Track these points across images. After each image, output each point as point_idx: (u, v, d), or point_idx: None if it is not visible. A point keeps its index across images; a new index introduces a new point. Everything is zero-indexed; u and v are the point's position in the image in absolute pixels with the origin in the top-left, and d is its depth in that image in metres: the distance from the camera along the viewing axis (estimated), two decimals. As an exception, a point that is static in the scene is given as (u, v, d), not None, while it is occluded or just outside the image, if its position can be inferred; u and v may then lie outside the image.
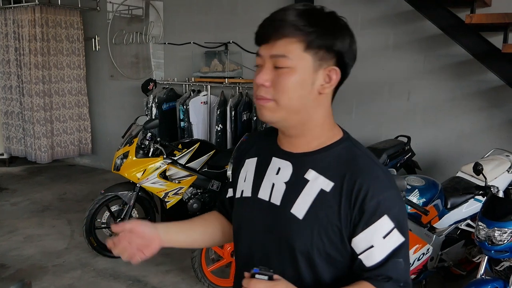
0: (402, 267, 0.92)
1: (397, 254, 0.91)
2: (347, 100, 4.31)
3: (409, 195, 2.51)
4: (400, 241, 0.92)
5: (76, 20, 5.96)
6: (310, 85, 0.93)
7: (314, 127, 0.98)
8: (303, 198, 0.96)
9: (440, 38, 3.61)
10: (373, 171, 0.94)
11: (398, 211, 0.93)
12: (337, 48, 0.92)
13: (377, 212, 0.90)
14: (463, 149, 3.76)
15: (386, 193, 0.92)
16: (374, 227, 0.91)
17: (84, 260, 3.54)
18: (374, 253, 0.91)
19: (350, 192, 0.92)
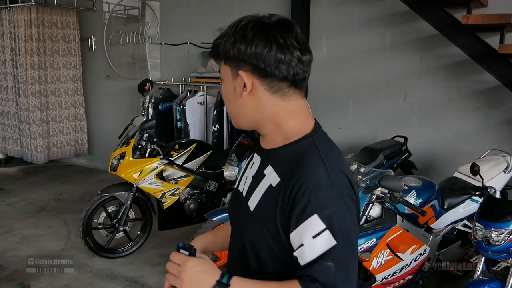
0: (332, 272, 0.89)
1: (326, 257, 0.89)
2: (343, 100, 4.32)
3: (406, 195, 2.52)
4: (330, 244, 0.89)
5: (72, 20, 5.94)
6: (232, 91, 1.03)
7: (266, 125, 1.04)
8: (258, 191, 1.03)
9: (436, 38, 3.62)
10: (315, 170, 0.94)
11: (332, 213, 0.90)
12: (232, 54, 0.98)
13: (307, 210, 0.90)
14: (460, 149, 3.78)
15: (320, 193, 0.91)
16: (305, 225, 0.91)
17: (80, 261, 3.52)
18: (305, 252, 0.91)
19: (289, 188, 0.94)
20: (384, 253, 2.39)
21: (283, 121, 1.02)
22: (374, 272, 2.40)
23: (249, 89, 0.99)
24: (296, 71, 0.98)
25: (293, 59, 0.97)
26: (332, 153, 1.00)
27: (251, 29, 0.97)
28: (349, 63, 4.24)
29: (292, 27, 0.99)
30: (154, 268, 3.43)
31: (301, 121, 1.04)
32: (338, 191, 0.93)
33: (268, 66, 0.97)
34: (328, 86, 4.38)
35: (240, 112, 1.04)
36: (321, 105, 4.40)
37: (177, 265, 0.93)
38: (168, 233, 3.82)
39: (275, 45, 0.95)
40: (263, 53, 0.96)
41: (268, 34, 0.96)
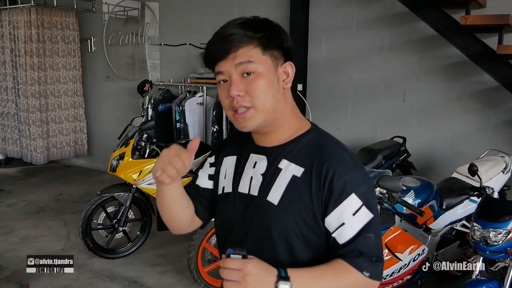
0: (373, 242, 0.97)
1: (367, 230, 0.97)
2: (343, 101, 4.33)
3: (405, 196, 2.52)
4: (369, 218, 0.98)
5: (71, 21, 5.95)
6: (276, 83, 1.03)
7: (284, 121, 1.08)
8: (277, 185, 1.05)
9: (435, 39, 3.63)
10: (339, 154, 1.02)
11: (365, 190, 0.99)
12: (285, 45, 1.05)
13: (345, 191, 0.97)
14: (458, 150, 3.78)
15: (353, 173, 0.99)
16: (344, 205, 0.97)
17: (80, 261, 3.52)
18: (346, 230, 0.97)
19: (319, 174, 1.00)
20: (382, 253, 2.39)
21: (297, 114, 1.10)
22: (373, 272, 2.40)
23: (290, 79, 1.05)
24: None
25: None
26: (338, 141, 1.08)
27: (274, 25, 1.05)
28: (348, 63, 4.25)
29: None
30: (154, 268, 3.44)
31: (301, 117, 1.12)
32: (363, 169, 1.03)
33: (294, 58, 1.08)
34: (327, 86, 4.39)
35: (279, 106, 1.05)
36: (320, 106, 4.41)
37: (237, 270, 0.91)
38: (167, 234, 3.82)
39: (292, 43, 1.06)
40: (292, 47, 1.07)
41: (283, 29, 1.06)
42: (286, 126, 1.08)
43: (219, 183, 1.18)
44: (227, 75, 1.02)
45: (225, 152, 1.20)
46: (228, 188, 1.14)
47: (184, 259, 3.18)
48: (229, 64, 1.00)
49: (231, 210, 1.13)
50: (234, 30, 0.99)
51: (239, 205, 1.11)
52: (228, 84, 1.02)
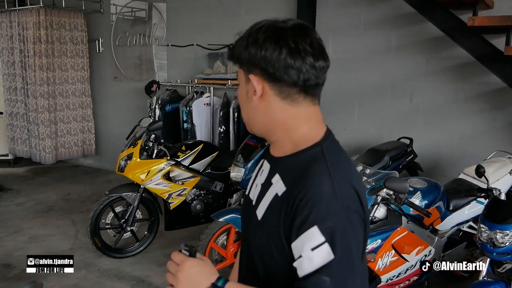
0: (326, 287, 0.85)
1: (323, 271, 0.85)
2: (349, 102, 4.33)
3: (411, 197, 2.53)
4: (329, 258, 0.85)
5: (80, 22, 5.99)
6: (245, 96, 1.01)
7: (277, 132, 1.01)
8: (265, 200, 1.01)
9: (442, 40, 3.62)
10: (320, 181, 0.91)
11: (332, 226, 0.87)
12: (244, 57, 0.97)
13: (308, 221, 0.88)
14: (465, 151, 3.77)
15: (322, 205, 0.88)
16: (304, 236, 0.88)
17: (88, 260, 3.57)
18: (303, 264, 0.88)
19: (292, 198, 0.92)
20: (389, 254, 2.41)
21: (293, 128, 0.99)
22: (379, 273, 2.41)
23: (259, 93, 0.97)
24: (307, 77, 0.95)
25: (304, 64, 0.94)
26: (340, 164, 0.96)
27: (263, 32, 0.95)
28: (355, 64, 4.25)
29: (308, 32, 0.96)
30: (161, 268, 3.46)
31: (311, 128, 1.00)
32: (342, 203, 0.89)
33: (277, 71, 0.94)
34: (333, 87, 4.39)
35: (252, 117, 1.02)
36: (327, 107, 4.41)
37: (176, 264, 0.94)
38: (175, 234, 3.86)
39: (285, 49, 0.93)
40: (272, 57, 0.93)
41: (279, 38, 0.94)
42: (282, 137, 1.01)
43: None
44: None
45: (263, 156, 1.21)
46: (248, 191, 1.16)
47: (191, 258, 3.19)
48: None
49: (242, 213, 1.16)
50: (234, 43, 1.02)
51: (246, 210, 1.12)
52: None
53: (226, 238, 3.06)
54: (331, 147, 0.99)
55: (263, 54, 0.94)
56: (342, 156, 1.00)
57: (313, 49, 0.95)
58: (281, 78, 0.95)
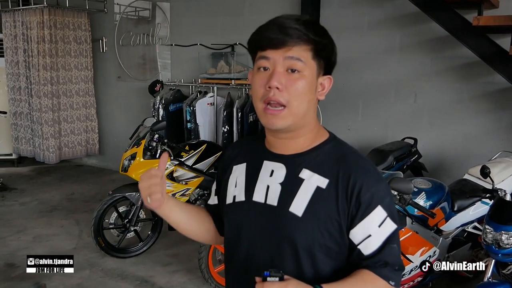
0: (397, 252, 1.01)
1: (391, 240, 0.99)
2: (353, 102, 4.32)
3: (416, 197, 2.51)
4: (393, 228, 1.00)
5: (83, 22, 6.00)
6: (314, 90, 1.03)
7: (308, 129, 1.06)
8: (301, 196, 1.02)
9: (447, 40, 3.60)
10: (364, 166, 1.03)
11: (389, 201, 1.02)
12: (333, 59, 1.05)
13: (372, 203, 0.99)
14: (470, 151, 3.76)
15: (378, 186, 1.01)
16: (371, 217, 0.99)
17: (92, 260, 3.57)
18: (372, 241, 0.99)
19: (345, 187, 1.00)
20: (393, 255, 2.39)
21: (318, 127, 1.08)
22: (383, 274, 2.40)
23: (326, 92, 1.05)
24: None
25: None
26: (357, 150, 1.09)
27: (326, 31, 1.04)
28: (359, 64, 4.24)
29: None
30: (165, 268, 3.47)
31: (320, 127, 1.10)
32: (385, 180, 1.05)
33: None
34: (337, 87, 4.36)
35: (308, 110, 1.03)
36: (331, 107, 4.40)
37: None
38: (178, 234, 3.77)
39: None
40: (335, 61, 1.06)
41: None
42: (309, 135, 1.06)
43: (228, 193, 1.14)
44: (272, 64, 0.99)
45: (234, 160, 1.17)
46: (240, 196, 1.11)
47: (195, 259, 3.20)
48: (279, 55, 0.98)
49: (246, 219, 1.10)
50: (296, 26, 0.97)
51: (255, 215, 1.08)
52: (269, 73, 0.99)
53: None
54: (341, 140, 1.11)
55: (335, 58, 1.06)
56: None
57: None
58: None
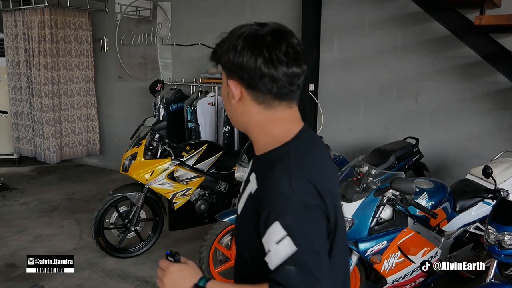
0: (293, 275, 0.92)
1: (288, 262, 0.93)
2: (355, 101, 4.31)
3: (418, 198, 2.50)
4: (292, 250, 0.93)
5: (84, 22, 6.00)
6: (226, 96, 1.07)
7: (252, 132, 1.08)
8: (243, 196, 1.10)
9: (448, 39, 3.59)
10: (279, 179, 0.98)
11: (291, 220, 0.94)
12: (222, 61, 1.03)
13: (270, 218, 0.95)
14: (472, 151, 3.74)
15: (281, 201, 0.96)
16: (269, 232, 0.96)
17: (92, 260, 3.56)
18: (272, 257, 0.96)
19: (260, 196, 1.01)
20: (395, 256, 2.38)
21: (267, 129, 1.05)
22: (385, 274, 2.39)
23: (237, 97, 1.03)
24: (280, 85, 1.00)
25: (278, 73, 0.98)
26: (303, 161, 1.02)
27: (242, 39, 0.99)
28: (360, 64, 4.23)
29: (284, 38, 1.00)
30: (165, 268, 3.45)
31: (285, 129, 1.06)
32: (298, 198, 0.96)
33: (252, 79, 0.99)
34: (339, 87, 4.37)
35: (232, 116, 1.10)
36: (332, 106, 4.40)
37: (162, 270, 1.03)
38: (179, 234, 3.85)
39: (260, 59, 0.97)
40: (248, 66, 0.98)
41: (256, 47, 0.98)
42: (256, 137, 1.08)
43: None
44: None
45: None
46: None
47: (195, 259, 3.18)
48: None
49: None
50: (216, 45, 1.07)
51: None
52: None
53: (231, 239, 3.05)
54: (300, 145, 1.04)
55: (240, 62, 0.99)
56: (309, 155, 1.05)
57: (287, 57, 0.98)
58: (256, 86, 1.00)
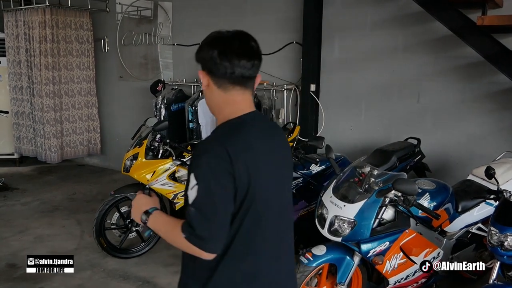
0: (193, 214, 1.23)
1: (193, 204, 1.23)
2: (356, 102, 4.30)
3: (420, 198, 2.50)
4: (195, 195, 1.23)
5: (85, 22, 6.00)
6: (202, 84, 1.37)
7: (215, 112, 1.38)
8: None
9: (450, 39, 3.58)
10: (200, 143, 1.36)
11: (200, 174, 1.24)
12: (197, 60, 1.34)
13: (190, 170, 1.27)
14: (474, 151, 3.73)
15: (195, 158, 1.28)
16: (189, 179, 1.26)
17: (94, 261, 3.56)
18: (188, 198, 1.25)
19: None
20: (397, 257, 2.38)
21: (222, 109, 1.35)
22: (387, 275, 2.39)
23: (205, 84, 1.34)
24: (231, 71, 1.27)
25: (230, 63, 1.27)
26: (228, 133, 1.29)
27: (209, 39, 1.31)
28: (362, 64, 4.22)
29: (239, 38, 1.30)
30: (167, 268, 3.45)
31: (233, 110, 1.33)
32: (207, 159, 1.24)
33: (212, 67, 1.30)
34: (340, 87, 4.36)
35: (207, 103, 1.39)
36: (333, 106, 4.39)
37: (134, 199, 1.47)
38: (180, 234, 3.84)
39: (216, 51, 1.27)
40: (208, 56, 1.29)
41: (215, 43, 1.29)
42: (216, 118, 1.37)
43: None
44: None
45: None
46: None
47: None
48: None
49: None
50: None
51: None
52: None
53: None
54: (235, 123, 1.32)
55: (204, 55, 1.30)
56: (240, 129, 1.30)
57: (238, 51, 1.28)
58: (214, 72, 1.30)
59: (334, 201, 2.39)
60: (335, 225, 2.35)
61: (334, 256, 2.40)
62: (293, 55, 4.56)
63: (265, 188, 1.30)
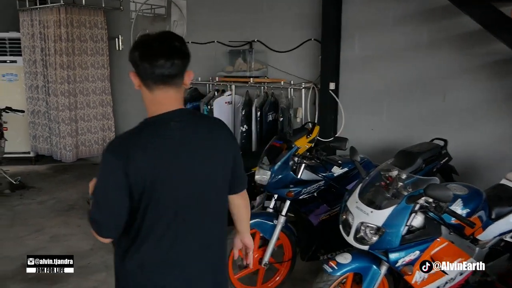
0: (91, 201, 1.43)
1: (93, 193, 1.43)
2: (377, 101, 4.14)
3: (451, 204, 2.35)
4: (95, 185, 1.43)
5: (100, 20, 5.97)
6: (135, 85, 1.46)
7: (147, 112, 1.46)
8: None
9: (478, 34, 3.40)
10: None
11: (100, 167, 1.41)
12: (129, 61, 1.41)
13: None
14: (505, 154, 3.53)
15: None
16: None
17: (109, 262, 3.50)
18: None
19: None
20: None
21: (149, 108, 1.45)
22: (417, 286, 2.25)
23: (136, 84, 1.43)
24: (151, 71, 1.36)
25: (148, 64, 1.35)
26: (132, 131, 1.41)
27: (135, 43, 1.40)
28: (383, 62, 4.06)
29: (161, 39, 1.38)
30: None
31: (155, 109, 1.42)
32: (107, 152, 1.38)
33: (136, 68, 1.39)
34: (360, 86, 4.21)
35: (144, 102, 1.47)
36: (353, 105, 4.24)
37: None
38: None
39: (137, 53, 1.37)
40: (133, 59, 1.38)
41: (138, 46, 1.38)
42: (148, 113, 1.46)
43: None
44: None
45: None
46: None
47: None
48: None
49: None
50: None
51: None
52: None
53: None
54: (148, 122, 1.43)
55: (131, 58, 1.39)
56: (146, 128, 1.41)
57: (156, 51, 1.35)
58: (140, 73, 1.39)
59: (360, 207, 2.25)
60: (361, 232, 2.22)
61: (360, 265, 2.28)
62: (311, 52, 4.43)
63: (175, 183, 1.39)
